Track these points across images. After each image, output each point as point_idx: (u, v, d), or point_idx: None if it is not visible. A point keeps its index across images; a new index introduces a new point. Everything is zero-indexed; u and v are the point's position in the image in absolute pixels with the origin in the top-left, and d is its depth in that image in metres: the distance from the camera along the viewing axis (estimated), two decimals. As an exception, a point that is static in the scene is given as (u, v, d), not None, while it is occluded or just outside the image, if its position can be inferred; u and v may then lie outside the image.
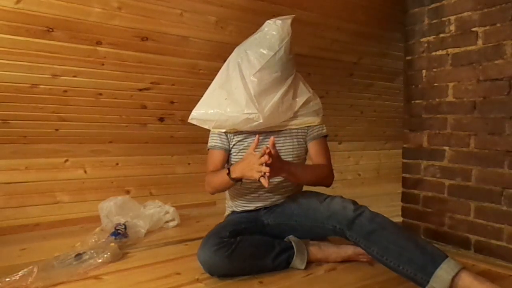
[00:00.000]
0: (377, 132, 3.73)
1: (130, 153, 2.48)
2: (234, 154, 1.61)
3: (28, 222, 2.16)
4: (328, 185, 1.61)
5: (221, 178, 1.48)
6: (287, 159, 1.60)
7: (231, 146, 1.61)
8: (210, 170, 1.60)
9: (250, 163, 1.36)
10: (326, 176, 1.59)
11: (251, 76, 1.49)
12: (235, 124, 1.52)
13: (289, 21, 1.54)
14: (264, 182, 1.30)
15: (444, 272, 1.15)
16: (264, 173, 1.30)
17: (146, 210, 2.15)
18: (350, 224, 1.33)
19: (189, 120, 1.63)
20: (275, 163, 1.35)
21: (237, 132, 1.60)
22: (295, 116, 1.61)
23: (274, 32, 1.52)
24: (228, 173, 1.44)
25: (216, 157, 1.62)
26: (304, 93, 1.62)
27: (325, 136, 1.65)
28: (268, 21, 1.56)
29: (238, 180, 1.45)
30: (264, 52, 1.50)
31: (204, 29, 2.06)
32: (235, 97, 1.51)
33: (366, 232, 1.29)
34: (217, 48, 2.15)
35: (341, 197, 1.46)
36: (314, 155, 1.63)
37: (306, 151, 1.67)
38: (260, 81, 1.49)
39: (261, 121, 1.48)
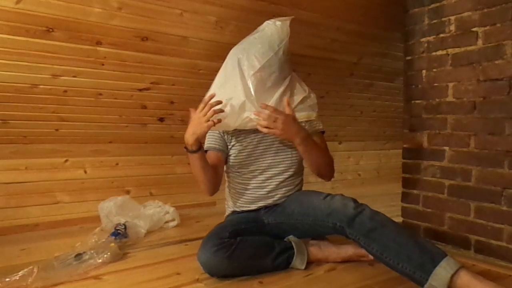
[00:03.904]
0: (377, 132, 3.73)
1: (130, 153, 2.48)
2: (234, 155, 1.61)
3: (28, 222, 2.16)
4: (330, 178, 1.60)
5: (190, 160, 1.47)
6: (286, 157, 1.60)
7: (229, 147, 1.61)
8: None
9: (195, 120, 1.39)
10: (331, 165, 1.59)
11: (251, 75, 1.49)
12: (235, 125, 1.52)
13: (288, 22, 1.55)
14: (211, 124, 1.36)
15: (443, 270, 1.15)
16: (212, 116, 1.36)
17: (146, 210, 2.15)
18: (351, 222, 1.33)
19: None
20: (289, 116, 1.42)
21: (234, 133, 1.60)
22: None
23: (273, 33, 1.53)
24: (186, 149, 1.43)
25: (211, 159, 1.58)
26: (300, 93, 1.62)
27: (322, 132, 1.65)
28: (267, 21, 1.57)
29: (197, 149, 1.42)
30: (264, 52, 1.50)
31: (204, 29, 2.06)
32: (234, 97, 1.51)
33: (366, 230, 1.29)
34: (217, 48, 2.15)
35: (342, 195, 1.46)
36: None
37: None
38: (260, 80, 1.49)
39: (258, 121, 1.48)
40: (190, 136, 1.42)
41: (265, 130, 1.44)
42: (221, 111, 1.41)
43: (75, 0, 1.70)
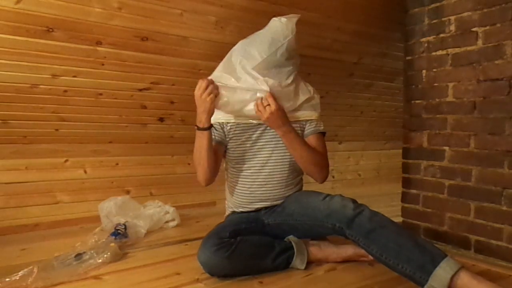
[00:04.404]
0: (377, 132, 3.73)
1: (130, 153, 2.48)
2: (233, 149, 1.62)
3: (28, 222, 2.16)
4: (321, 179, 1.59)
5: (196, 140, 1.53)
6: (284, 154, 1.60)
7: (227, 139, 1.62)
8: None
9: (198, 100, 1.45)
10: (321, 166, 1.58)
11: (252, 68, 1.50)
12: (233, 112, 1.53)
13: (294, 20, 1.56)
14: (213, 97, 1.42)
15: (443, 271, 1.15)
16: (211, 92, 1.42)
17: (146, 210, 2.15)
18: (350, 223, 1.33)
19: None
20: (279, 110, 1.44)
21: (234, 126, 1.60)
22: (292, 110, 1.62)
23: (278, 29, 1.54)
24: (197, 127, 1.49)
25: None
26: (305, 92, 1.63)
27: (323, 133, 1.66)
28: (273, 18, 1.59)
29: (208, 126, 1.49)
30: (267, 46, 1.51)
31: (204, 29, 2.06)
32: (239, 81, 1.51)
33: (366, 231, 1.29)
34: (217, 48, 2.15)
35: (341, 195, 1.46)
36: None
37: None
38: (260, 73, 1.50)
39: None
40: (201, 114, 1.47)
41: (256, 108, 1.47)
42: (213, 83, 1.44)
43: (75, 0, 1.70)
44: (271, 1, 2.06)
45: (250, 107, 1.50)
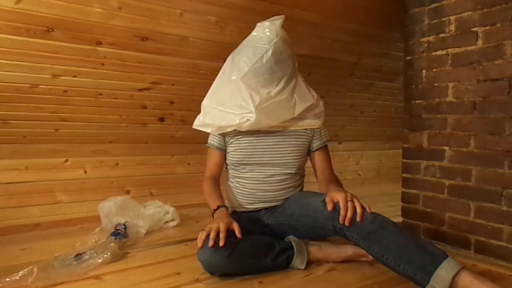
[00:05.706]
0: (377, 132, 3.73)
1: (130, 153, 2.48)
2: (233, 153, 1.63)
3: (28, 222, 2.16)
4: None
5: (209, 203, 1.58)
6: (285, 158, 1.60)
7: (227, 145, 1.64)
8: (207, 173, 1.67)
9: (217, 220, 1.42)
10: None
11: (240, 79, 1.51)
12: (233, 126, 1.54)
13: (278, 22, 1.54)
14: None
15: (444, 271, 1.14)
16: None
17: (146, 210, 2.15)
18: (350, 224, 1.32)
19: (193, 127, 1.66)
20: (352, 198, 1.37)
21: (234, 132, 1.61)
22: (295, 118, 1.61)
23: (261, 34, 1.54)
24: (214, 209, 1.52)
25: (212, 158, 1.67)
26: (307, 99, 1.63)
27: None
28: (258, 23, 1.57)
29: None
30: (251, 55, 1.52)
31: (204, 29, 2.06)
32: (229, 101, 1.54)
33: (366, 232, 1.29)
34: (217, 48, 2.15)
35: (341, 197, 1.46)
36: (320, 163, 1.69)
37: (307, 153, 1.68)
38: (249, 83, 1.51)
39: (253, 120, 1.49)
40: (215, 216, 1.49)
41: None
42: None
43: (75, 0, 1.70)
44: (271, 1, 2.06)
45: (246, 125, 1.52)
